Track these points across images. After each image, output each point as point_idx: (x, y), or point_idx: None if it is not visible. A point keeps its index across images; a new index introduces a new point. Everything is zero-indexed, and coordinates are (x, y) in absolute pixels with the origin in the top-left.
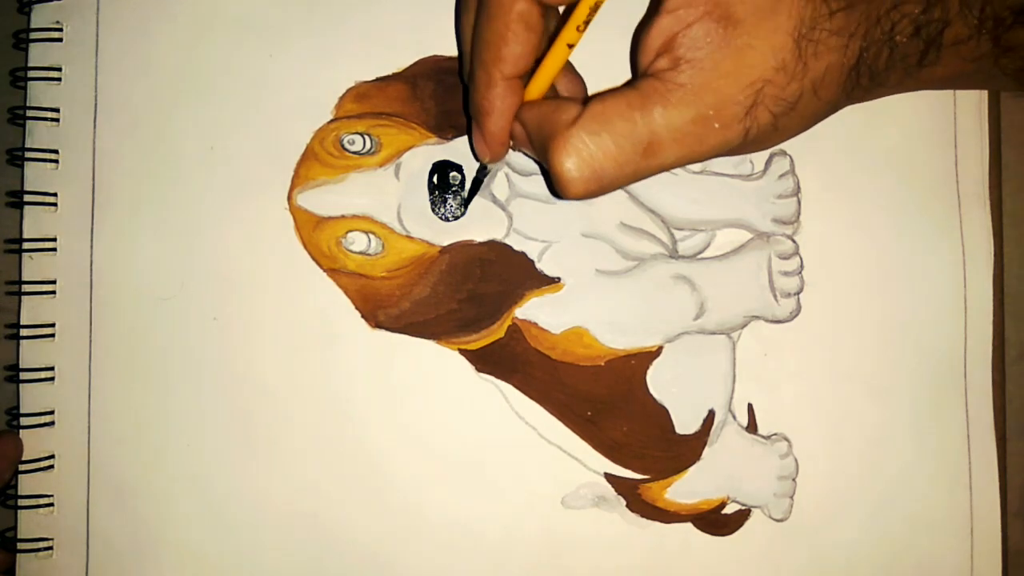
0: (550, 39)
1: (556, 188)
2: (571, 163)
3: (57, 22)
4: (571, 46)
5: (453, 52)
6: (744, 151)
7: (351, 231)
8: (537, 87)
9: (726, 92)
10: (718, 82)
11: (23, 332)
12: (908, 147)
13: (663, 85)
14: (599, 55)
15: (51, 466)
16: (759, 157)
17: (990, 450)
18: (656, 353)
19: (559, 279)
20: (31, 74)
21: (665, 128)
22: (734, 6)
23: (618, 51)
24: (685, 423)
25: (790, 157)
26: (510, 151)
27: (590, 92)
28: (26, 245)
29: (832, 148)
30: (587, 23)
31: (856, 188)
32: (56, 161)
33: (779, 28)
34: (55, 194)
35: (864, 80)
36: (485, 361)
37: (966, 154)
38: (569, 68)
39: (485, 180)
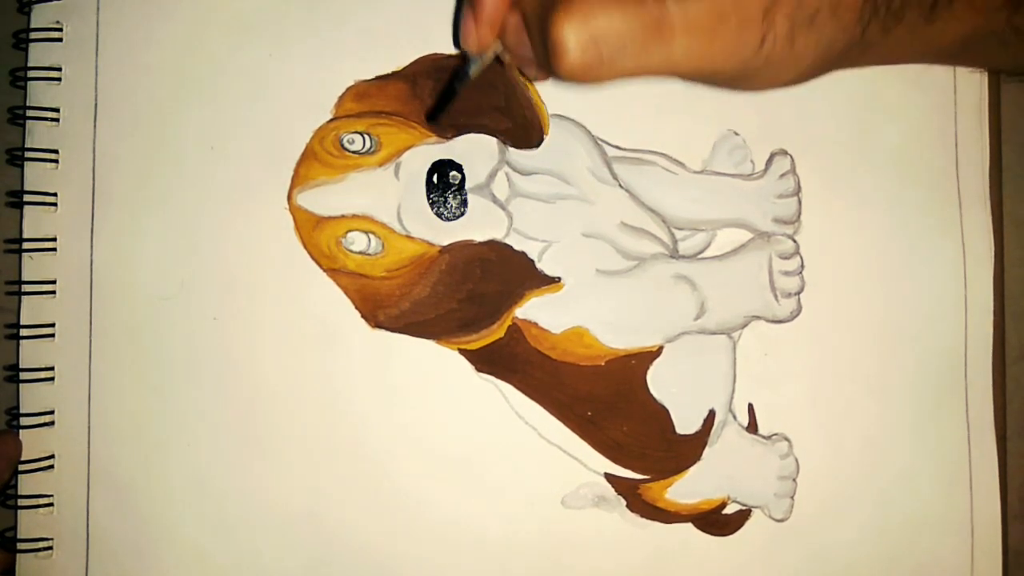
0: None
1: (550, 60)
2: (571, 29)
3: (57, 22)
4: None
5: (453, 51)
6: (755, 74)
7: (351, 231)
8: None
9: None
10: None
11: (23, 332)
12: (908, 147)
13: None
14: None
15: (51, 466)
16: (759, 157)
17: (990, 450)
18: (656, 353)
19: (559, 279)
20: (31, 74)
21: (679, 13)
22: None
23: None
24: (685, 423)
25: (791, 157)
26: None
27: None
28: (26, 245)
29: (832, 148)
30: None
31: (857, 188)
32: (56, 161)
33: None
34: (55, 194)
35: (881, 10)
36: (485, 361)
37: (966, 154)
38: None
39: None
